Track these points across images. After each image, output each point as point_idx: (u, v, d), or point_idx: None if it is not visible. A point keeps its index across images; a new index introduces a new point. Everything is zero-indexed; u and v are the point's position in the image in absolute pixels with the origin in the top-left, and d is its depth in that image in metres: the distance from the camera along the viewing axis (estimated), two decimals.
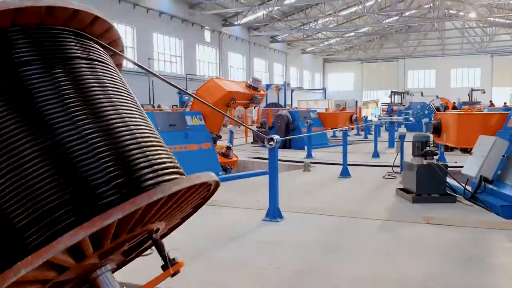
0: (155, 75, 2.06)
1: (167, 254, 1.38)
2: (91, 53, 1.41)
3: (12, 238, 1.12)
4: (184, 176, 1.40)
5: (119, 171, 1.22)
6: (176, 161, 1.44)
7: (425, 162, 5.97)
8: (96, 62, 1.40)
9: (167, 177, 1.31)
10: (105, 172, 1.20)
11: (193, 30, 33.74)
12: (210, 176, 1.34)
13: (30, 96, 1.22)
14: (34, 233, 1.11)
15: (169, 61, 32.07)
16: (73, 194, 1.14)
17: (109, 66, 1.46)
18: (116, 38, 1.54)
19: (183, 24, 32.56)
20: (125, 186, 1.21)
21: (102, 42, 1.49)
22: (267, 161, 5.26)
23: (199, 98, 2.80)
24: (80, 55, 1.36)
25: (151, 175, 1.27)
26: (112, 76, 1.43)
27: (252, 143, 16.02)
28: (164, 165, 1.34)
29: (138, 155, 1.28)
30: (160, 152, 1.37)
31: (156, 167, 1.30)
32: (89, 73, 1.35)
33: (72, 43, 1.36)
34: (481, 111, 11.17)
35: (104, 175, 1.19)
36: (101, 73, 1.39)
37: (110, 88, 1.38)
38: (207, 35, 35.80)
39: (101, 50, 1.48)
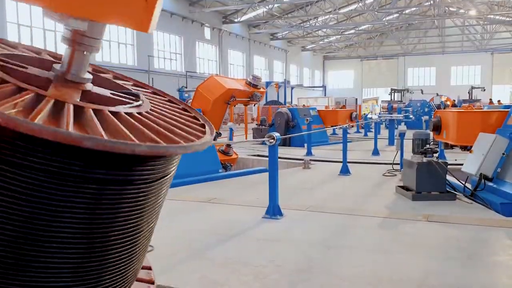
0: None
1: None
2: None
3: None
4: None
5: None
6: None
7: (425, 159, 5.97)
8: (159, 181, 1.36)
9: None
10: None
11: (193, 28, 33.69)
12: None
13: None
14: None
15: (169, 58, 32.05)
16: None
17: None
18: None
19: (183, 21, 32.51)
20: None
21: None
22: (267, 158, 5.26)
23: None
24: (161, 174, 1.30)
25: None
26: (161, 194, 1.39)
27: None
28: None
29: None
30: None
31: None
32: (150, 199, 1.27)
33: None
34: (481, 108, 11.15)
35: None
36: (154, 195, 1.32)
37: (147, 218, 1.31)
38: (207, 32, 35.76)
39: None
